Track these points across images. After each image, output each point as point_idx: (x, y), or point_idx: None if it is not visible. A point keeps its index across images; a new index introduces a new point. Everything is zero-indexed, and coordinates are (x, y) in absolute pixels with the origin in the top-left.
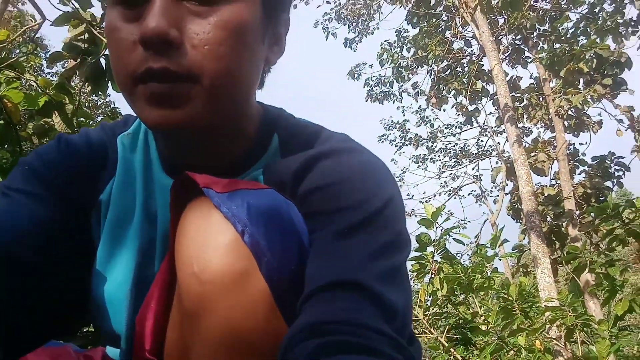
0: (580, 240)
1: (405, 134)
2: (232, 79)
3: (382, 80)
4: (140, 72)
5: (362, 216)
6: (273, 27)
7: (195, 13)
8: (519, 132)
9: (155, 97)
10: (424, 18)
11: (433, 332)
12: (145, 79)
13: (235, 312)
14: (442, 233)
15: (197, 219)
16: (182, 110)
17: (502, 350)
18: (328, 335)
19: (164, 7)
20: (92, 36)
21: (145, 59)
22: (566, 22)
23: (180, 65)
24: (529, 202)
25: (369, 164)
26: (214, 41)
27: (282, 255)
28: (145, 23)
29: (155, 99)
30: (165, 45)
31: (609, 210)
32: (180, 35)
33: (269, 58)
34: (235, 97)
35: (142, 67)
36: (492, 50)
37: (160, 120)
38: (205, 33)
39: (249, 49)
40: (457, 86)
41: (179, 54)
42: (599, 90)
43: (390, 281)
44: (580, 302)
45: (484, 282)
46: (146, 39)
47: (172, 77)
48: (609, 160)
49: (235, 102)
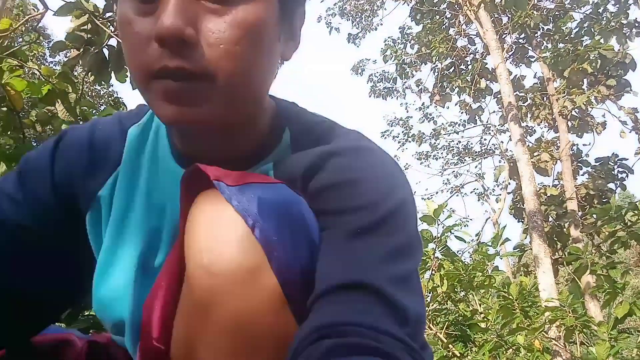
0: (581, 241)
1: (408, 130)
2: (248, 79)
3: (386, 77)
4: (156, 69)
5: (376, 217)
6: (289, 22)
7: (211, 11)
8: (522, 131)
9: (171, 95)
10: (428, 15)
11: (432, 328)
12: (161, 75)
13: (244, 306)
14: (444, 230)
15: (207, 211)
16: (199, 108)
17: (500, 349)
18: (340, 336)
19: (180, 4)
20: (95, 27)
21: (161, 57)
22: (570, 22)
23: (196, 64)
24: (532, 201)
25: (383, 164)
26: (230, 40)
27: (292, 251)
28: (161, 20)
29: (171, 96)
30: (181, 44)
31: (612, 212)
32: (196, 34)
33: (284, 54)
34: (251, 95)
35: (158, 65)
36: (496, 49)
37: (176, 117)
38: (221, 32)
39: (265, 47)
40: (460, 84)
41: (195, 53)
42: (602, 91)
43: (402, 285)
44: (580, 303)
45: (485, 280)
46: (162, 37)
47: (188, 75)
48: (612, 161)
49: (251, 100)
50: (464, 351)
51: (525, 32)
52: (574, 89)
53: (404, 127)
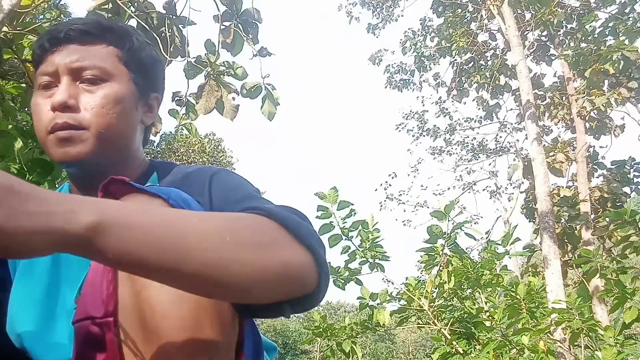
0: (593, 244)
1: (423, 124)
2: (111, 128)
3: (403, 68)
4: (51, 125)
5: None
6: (145, 100)
7: (87, 90)
8: (539, 131)
9: (59, 140)
10: (450, 8)
11: (437, 323)
12: (54, 130)
13: None
14: (454, 226)
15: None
16: (78, 147)
17: (504, 348)
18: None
19: (66, 87)
20: (116, 6)
21: (54, 118)
22: (594, 21)
23: (76, 120)
24: (544, 202)
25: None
26: (98, 105)
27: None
28: (54, 96)
29: (60, 141)
30: (67, 109)
31: (626, 216)
32: (76, 103)
33: (143, 120)
34: (115, 141)
35: (52, 123)
36: (517, 45)
37: (64, 155)
38: (92, 101)
39: (123, 111)
40: (479, 80)
41: (76, 115)
42: (623, 93)
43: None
44: (587, 306)
45: (492, 278)
46: (54, 105)
47: (70, 127)
48: (628, 165)
49: (115, 145)
50: (467, 348)
51: (548, 30)
52: (594, 89)
53: (419, 120)
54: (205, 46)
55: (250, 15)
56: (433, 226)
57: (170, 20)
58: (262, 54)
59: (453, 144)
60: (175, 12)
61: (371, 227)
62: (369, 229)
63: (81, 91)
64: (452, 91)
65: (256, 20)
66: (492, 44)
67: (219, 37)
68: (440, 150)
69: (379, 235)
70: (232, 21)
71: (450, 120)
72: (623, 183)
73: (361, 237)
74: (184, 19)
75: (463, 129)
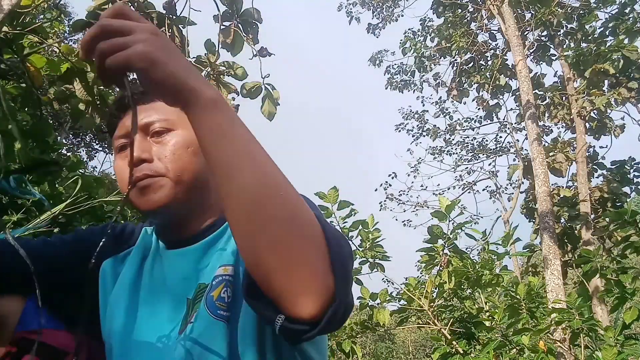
0: (593, 244)
1: (423, 124)
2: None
3: (404, 69)
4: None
5: None
6: None
7: (157, 142)
8: (539, 131)
9: (140, 189)
10: (450, 8)
11: (437, 323)
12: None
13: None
14: (455, 227)
15: None
16: (158, 192)
17: (504, 348)
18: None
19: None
20: None
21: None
22: (594, 21)
23: (152, 170)
24: (544, 202)
25: None
26: (170, 153)
27: None
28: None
29: (141, 191)
30: (143, 162)
31: (627, 216)
32: (150, 156)
33: None
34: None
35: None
36: (517, 46)
37: (147, 202)
38: (164, 151)
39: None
40: (479, 80)
41: (151, 165)
42: (623, 93)
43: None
44: (587, 306)
45: (492, 278)
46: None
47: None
48: (628, 165)
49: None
50: (467, 349)
51: (548, 30)
52: (594, 89)
53: (419, 120)
54: (205, 46)
55: (250, 15)
56: (433, 226)
57: (170, 20)
58: (262, 54)
59: (453, 144)
60: (175, 12)
61: (371, 227)
62: (369, 229)
63: (152, 144)
64: (452, 91)
65: (256, 20)
66: (492, 44)
67: (219, 37)
68: (440, 150)
69: (379, 235)
70: (232, 21)
71: (450, 121)
72: (623, 183)
73: (361, 237)
74: (184, 19)
75: (463, 129)
